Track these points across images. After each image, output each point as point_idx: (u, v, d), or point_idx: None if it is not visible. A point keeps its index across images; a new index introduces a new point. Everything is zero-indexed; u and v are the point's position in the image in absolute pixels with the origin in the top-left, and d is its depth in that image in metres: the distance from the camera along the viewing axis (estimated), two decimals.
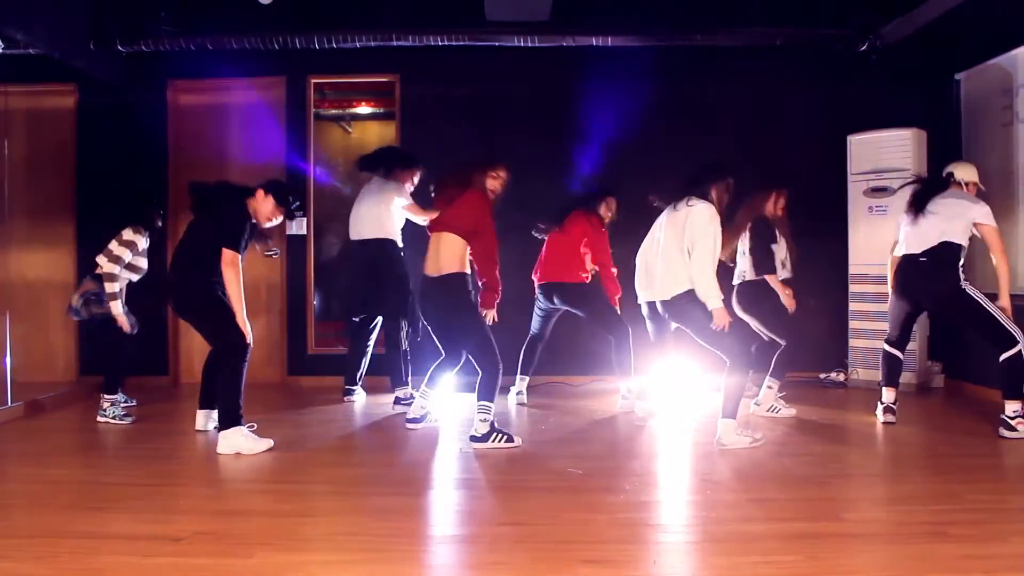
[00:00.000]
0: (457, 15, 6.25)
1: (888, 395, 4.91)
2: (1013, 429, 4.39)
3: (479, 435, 4.26)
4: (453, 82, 6.74)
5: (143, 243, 5.18)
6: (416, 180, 5.75)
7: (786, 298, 5.01)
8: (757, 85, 6.69)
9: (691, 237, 4.19)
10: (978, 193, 4.76)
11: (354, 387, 5.84)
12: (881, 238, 6.27)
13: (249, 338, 4.26)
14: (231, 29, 6.22)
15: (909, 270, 4.74)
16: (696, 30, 6.19)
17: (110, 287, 4.98)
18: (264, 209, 4.46)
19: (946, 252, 4.56)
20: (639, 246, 4.99)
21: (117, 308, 4.99)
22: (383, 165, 5.70)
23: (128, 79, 6.65)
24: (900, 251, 4.82)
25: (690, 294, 4.22)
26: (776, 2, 6.39)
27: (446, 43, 6.25)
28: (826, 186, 6.59)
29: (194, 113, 6.91)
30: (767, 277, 5.00)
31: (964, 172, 4.80)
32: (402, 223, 5.66)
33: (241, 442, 4.15)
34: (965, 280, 4.56)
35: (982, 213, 4.54)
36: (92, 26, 6.14)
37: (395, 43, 6.23)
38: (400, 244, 5.62)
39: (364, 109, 8.28)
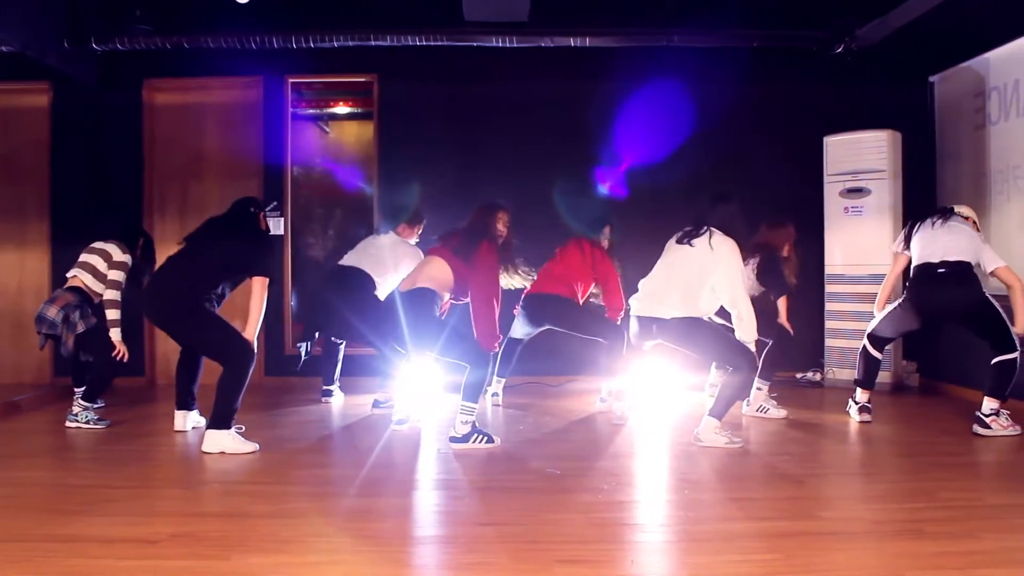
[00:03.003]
0: (435, 15, 6.24)
1: (863, 395, 4.94)
2: (987, 427, 4.45)
3: (459, 436, 4.24)
4: (431, 82, 6.73)
5: (130, 261, 4.99)
6: (420, 232, 5.72)
7: (787, 323, 5.15)
8: (734, 86, 6.72)
9: (721, 278, 4.21)
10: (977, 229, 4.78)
11: (331, 388, 5.81)
12: (857, 239, 6.34)
13: (255, 348, 4.27)
14: (208, 28, 6.17)
15: (928, 281, 4.65)
16: (673, 31, 6.22)
17: (112, 314, 4.80)
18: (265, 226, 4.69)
19: (964, 266, 4.56)
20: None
21: (118, 335, 4.79)
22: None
23: (103, 78, 6.58)
24: (915, 260, 4.75)
25: (691, 320, 4.23)
26: (753, 4, 6.44)
27: (424, 43, 6.25)
28: (802, 187, 6.64)
29: (170, 113, 6.83)
30: (780, 301, 5.11)
31: (965, 210, 4.85)
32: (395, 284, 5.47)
33: (228, 442, 4.11)
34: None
35: (991, 258, 4.58)
36: (67, 24, 6.05)
37: (373, 43, 6.20)
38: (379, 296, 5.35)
39: (342, 109, 8.24)
